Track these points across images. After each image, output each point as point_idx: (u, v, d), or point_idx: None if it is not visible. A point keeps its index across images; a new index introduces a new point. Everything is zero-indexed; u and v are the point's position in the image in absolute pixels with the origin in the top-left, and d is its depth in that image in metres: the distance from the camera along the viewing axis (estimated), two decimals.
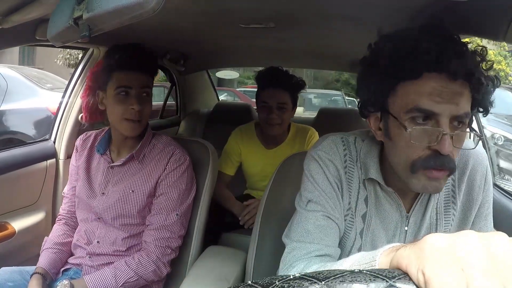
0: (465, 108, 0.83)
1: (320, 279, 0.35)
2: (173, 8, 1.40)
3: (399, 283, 0.36)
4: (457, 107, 0.81)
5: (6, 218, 1.87)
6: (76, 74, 2.18)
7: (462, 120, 0.84)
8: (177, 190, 1.50)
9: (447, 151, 0.81)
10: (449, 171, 0.85)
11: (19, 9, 1.09)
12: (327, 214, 0.97)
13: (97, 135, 1.66)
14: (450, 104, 0.81)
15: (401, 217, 1.02)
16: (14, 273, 1.47)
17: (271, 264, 1.33)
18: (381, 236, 1.02)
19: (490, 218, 1.08)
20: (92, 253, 1.51)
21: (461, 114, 0.82)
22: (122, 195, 1.50)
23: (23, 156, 1.96)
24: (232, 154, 2.32)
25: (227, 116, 3.30)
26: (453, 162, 0.85)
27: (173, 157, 1.52)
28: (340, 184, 1.01)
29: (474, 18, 1.07)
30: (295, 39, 2.09)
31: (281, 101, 2.12)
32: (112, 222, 1.51)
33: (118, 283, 1.37)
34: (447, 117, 0.81)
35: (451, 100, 0.81)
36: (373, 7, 1.31)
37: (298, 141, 2.28)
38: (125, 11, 0.67)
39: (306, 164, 1.04)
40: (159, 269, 1.45)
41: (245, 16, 1.58)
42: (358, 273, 0.36)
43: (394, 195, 1.00)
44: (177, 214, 1.49)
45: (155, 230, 1.47)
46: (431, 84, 0.82)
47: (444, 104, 0.81)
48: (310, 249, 0.93)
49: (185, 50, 2.72)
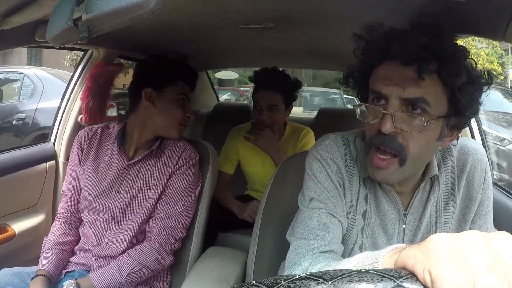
0: (416, 92, 0.85)
1: (326, 279, 0.34)
2: (172, 9, 1.40)
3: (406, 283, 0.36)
4: (404, 90, 0.86)
5: (6, 220, 1.86)
6: (75, 76, 2.18)
7: (412, 103, 0.87)
8: (184, 182, 1.54)
9: (386, 129, 0.86)
10: (397, 156, 0.89)
11: (19, 10, 1.09)
12: (330, 212, 0.98)
13: (103, 129, 1.65)
14: (398, 87, 0.86)
15: (399, 215, 1.03)
16: (13, 275, 1.45)
17: (271, 264, 1.33)
18: (380, 234, 1.04)
19: (490, 216, 1.08)
20: (98, 255, 1.50)
21: (409, 97, 0.86)
22: (140, 192, 1.51)
23: (23, 158, 1.96)
24: (230, 153, 2.35)
25: (226, 117, 3.30)
26: (398, 144, 0.88)
27: (185, 152, 1.58)
28: (342, 182, 1.02)
29: (473, 17, 1.07)
30: (294, 40, 2.09)
31: (272, 102, 2.15)
32: (127, 220, 1.50)
33: (122, 275, 1.37)
34: (395, 99, 0.87)
35: (399, 84, 0.86)
36: (371, 8, 1.31)
37: (293, 140, 2.31)
38: (124, 12, 0.67)
39: (308, 163, 1.06)
40: (162, 257, 1.45)
41: (244, 16, 1.58)
42: (365, 273, 0.35)
43: (392, 193, 1.01)
44: (183, 205, 1.51)
45: (160, 219, 1.48)
46: (385, 69, 0.90)
47: (391, 87, 0.87)
48: (314, 245, 0.94)
49: (184, 51, 2.71)
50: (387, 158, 0.90)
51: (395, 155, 0.90)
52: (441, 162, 1.03)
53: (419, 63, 0.83)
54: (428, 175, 1.00)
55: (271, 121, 2.18)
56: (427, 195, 1.03)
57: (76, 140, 1.65)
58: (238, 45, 2.38)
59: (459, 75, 0.84)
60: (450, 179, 1.04)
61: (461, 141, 1.06)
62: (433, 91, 0.86)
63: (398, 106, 0.87)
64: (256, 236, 1.39)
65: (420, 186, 1.01)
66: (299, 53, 2.64)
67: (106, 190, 1.53)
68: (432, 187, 1.03)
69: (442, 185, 1.03)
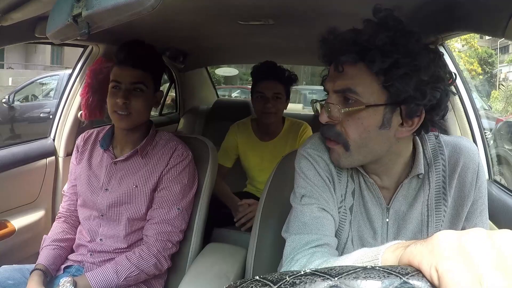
0: (343, 85, 0.93)
1: (332, 275, 0.34)
2: (172, 5, 1.40)
3: (412, 280, 0.36)
4: (334, 84, 0.95)
5: (6, 216, 1.87)
6: (75, 72, 2.17)
7: (343, 93, 0.94)
8: (179, 185, 1.52)
9: (322, 119, 0.97)
10: (339, 142, 0.97)
11: (19, 6, 1.08)
12: (321, 206, 1.01)
13: (99, 132, 1.67)
14: (331, 82, 0.97)
15: (382, 209, 1.05)
16: (14, 271, 1.47)
17: (271, 260, 1.33)
18: (367, 228, 1.06)
19: (486, 214, 1.08)
20: (93, 251, 1.51)
21: (337, 89, 0.95)
22: (126, 191, 1.51)
23: (23, 154, 1.95)
24: (230, 147, 2.41)
25: (226, 113, 3.31)
26: (331, 131, 0.97)
27: (176, 152, 1.54)
28: (331, 177, 1.05)
29: (473, 15, 1.07)
30: (294, 36, 2.09)
31: (276, 91, 2.24)
32: (115, 218, 1.51)
33: (119, 278, 1.38)
34: (332, 93, 0.96)
35: (332, 79, 0.96)
36: (371, 4, 1.30)
37: (292, 135, 2.36)
38: (124, 8, 0.67)
39: (297, 162, 1.09)
40: (160, 262, 1.46)
41: (244, 13, 1.58)
42: (371, 269, 0.35)
43: (374, 187, 1.03)
44: (179, 208, 1.51)
45: (157, 224, 1.48)
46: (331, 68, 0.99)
47: (328, 82, 0.98)
48: (308, 239, 0.96)
49: (184, 47, 2.72)
50: (332, 143, 0.99)
51: (334, 141, 0.98)
52: (432, 160, 1.04)
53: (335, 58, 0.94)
54: (412, 172, 1.01)
55: (276, 109, 2.25)
56: (415, 193, 1.04)
57: (76, 142, 1.69)
58: (238, 41, 2.39)
59: (376, 61, 0.87)
60: (441, 177, 1.04)
61: (453, 140, 1.07)
62: (360, 81, 0.91)
63: (335, 99, 0.95)
64: (256, 232, 1.39)
65: (404, 182, 1.02)
66: (298, 49, 2.65)
67: (96, 187, 1.55)
68: (422, 185, 1.04)
69: (433, 183, 1.03)
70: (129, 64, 1.48)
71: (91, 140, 1.65)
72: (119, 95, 1.47)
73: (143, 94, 1.51)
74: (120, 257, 1.44)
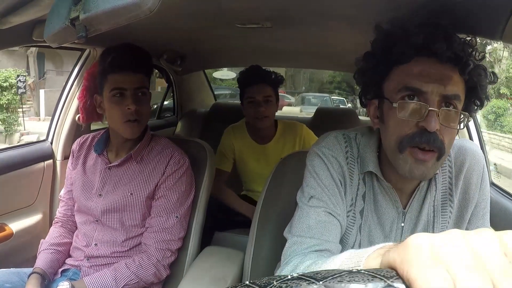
0: (454, 90, 0.87)
1: (318, 279, 0.34)
2: (170, 9, 1.40)
3: (396, 283, 0.35)
4: (445, 88, 0.86)
5: (4, 219, 1.86)
6: (72, 75, 2.18)
7: (450, 101, 0.87)
8: (176, 193, 1.50)
9: (433, 127, 0.84)
10: (436, 152, 0.88)
11: (16, 10, 1.08)
12: (328, 211, 0.98)
13: (94, 137, 1.65)
14: (438, 84, 0.86)
15: (398, 213, 1.03)
16: (12, 274, 1.47)
17: (268, 264, 1.33)
18: (378, 232, 1.04)
19: (487, 217, 1.08)
20: (90, 256, 1.51)
21: (449, 94, 0.86)
22: (121, 198, 1.49)
23: (20, 158, 1.95)
24: (227, 150, 2.39)
25: (224, 116, 3.30)
26: (440, 142, 0.87)
27: (172, 160, 1.51)
28: (343, 180, 1.02)
29: (471, 17, 1.07)
30: (292, 39, 2.10)
31: (267, 94, 2.24)
32: (110, 224, 1.50)
33: (118, 285, 1.38)
34: (436, 96, 0.86)
35: (439, 81, 0.86)
36: (369, 7, 1.31)
37: (287, 137, 2.36)
38: (121, 11, 0.67)
39: (309, 160, 1.05)
40: (159, 271, 1.45)
41: (242, 16, 1.58)
42: (356, 273, 0.35)
43: (391, 191, 1.01)
44: (177, 216, 1.49)
45: (155, 233, 1.47)
46: (420, 66, 0.88)
47: (431, 84, 0.86)
48: (309, 243, 0.94)
49: (182, 50, 2.72)
50: (430, 155, 0.88)
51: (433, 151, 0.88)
52: None
53: (459, 62, 0.86)
54: None
55: (268, 113, 2.25)
56: (424, 194, 1.03)
57: (72, 148, 1.68)
58: (236, 44, 2.39)
59: (474, 68, 0.87)
60: (447, 179, 1.04)
61: (458, 142, 1.07)
62: (461, 88, 0.89)
63: (437, 103, 0.86)
64: (253, 235, 1.39)
65: (420, 184, 1.01)
66: (296, 52, 2.65)
67: (90, 192, 1.54)
68: (429, 186, 1.03)
69: (439, 184, 1.03)
70: (130, 69, 1.44)
71: (86, 145, 1.64)
72: (127, 102, 1.42)
73: (146, 98, 1.50)
74: (119, 264, 1.43)
